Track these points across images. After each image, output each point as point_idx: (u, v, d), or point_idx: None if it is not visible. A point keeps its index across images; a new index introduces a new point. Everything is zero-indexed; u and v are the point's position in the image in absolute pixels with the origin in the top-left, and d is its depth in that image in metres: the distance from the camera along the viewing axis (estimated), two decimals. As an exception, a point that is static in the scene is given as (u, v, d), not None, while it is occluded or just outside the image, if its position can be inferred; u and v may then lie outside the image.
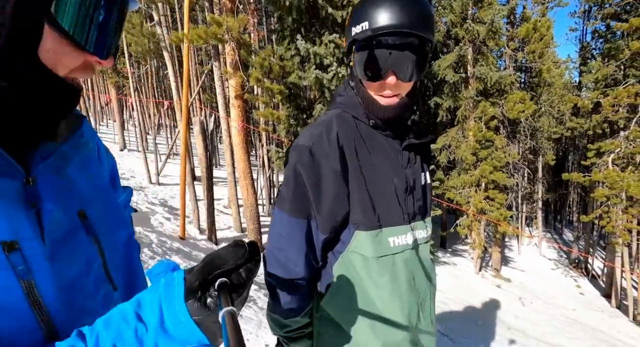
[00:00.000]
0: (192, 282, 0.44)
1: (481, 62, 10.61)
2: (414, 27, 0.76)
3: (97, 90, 15.14)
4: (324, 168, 0.83)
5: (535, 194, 15.63)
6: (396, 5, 0.76)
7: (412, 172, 0.94)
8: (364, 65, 0.82)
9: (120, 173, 3.88)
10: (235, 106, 6.54)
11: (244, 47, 5.73)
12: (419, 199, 0.95)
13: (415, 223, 0.94)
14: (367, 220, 0.86)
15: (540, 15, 13.51)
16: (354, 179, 0.85)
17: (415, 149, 0.95)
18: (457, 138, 10.65)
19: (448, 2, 11.00)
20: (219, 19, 5.16)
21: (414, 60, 0.80)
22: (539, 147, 13.96)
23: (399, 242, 0.89)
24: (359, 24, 0.79)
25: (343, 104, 0.93)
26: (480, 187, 10.28)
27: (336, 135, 0.85)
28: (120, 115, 12.11)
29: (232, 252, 0.46)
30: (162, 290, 0.45)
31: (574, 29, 18.75)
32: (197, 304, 0.44)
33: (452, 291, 8.21)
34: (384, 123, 0.90)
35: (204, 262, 0.46)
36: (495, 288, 9.99)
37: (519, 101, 10.76)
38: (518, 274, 12.61)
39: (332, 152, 0.84)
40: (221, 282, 0.45)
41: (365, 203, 0.86)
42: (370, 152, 0.89)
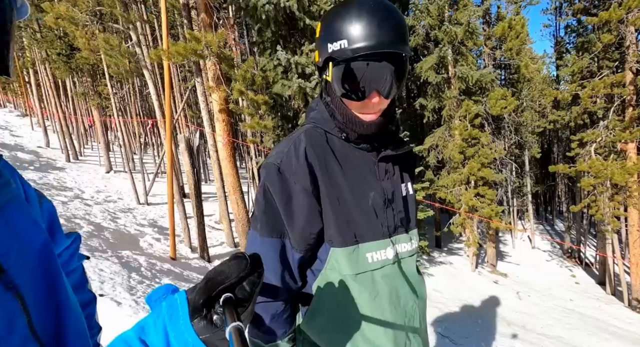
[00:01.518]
0: (196, 301, 0.44)
1: (461, 62, 10.83)
2: (394, 45, 0.75)
3: (80, 113, 14.91)
4: (294, 186, 0.82)
5: (525, 188, 15.87)
6: (374, 21, 0.73)
7: (390, 184, 0.92)
8: (345, 84, 0.79)
9: (106, 196, 3.82)
10: (220, 120, 6.50)
11: (224, 61, 5.72)
12: (400, 211, 0.93)
13: (397, 236, 0.91)
14: (341, 236, 0.84)
15: (515, 14, 13.88)
16: (325, 195, 0.83)
17: (394, 160, 0.94)
18: (444, 138, 10.78)
19: (425, 6, 11.24)
20: (198, 34, 5.15)
21: (395, 76, 0.78)
22: (524, 141, 14.22)
23: (377, 257, 0.86)
24: (336, 41, 0.76)
25: (314, 118, 0.92)
26: (470, 185, 10.39)
27: (304, 151, 0.83)
28: (105, 137, 11.93)
29: (234, 266, 0.45)
30: (166, 312, 0.43)
31: (548, 26, 19.32)
32: (204, 323, 0.43)
33: (450, 291, 8.21)
34: (357, 137, 0.88)
35: (205, 280, 0.45)
36: (492, 284, 10.03)
37: (500, 98, 10.98)
38: (514, 268, 12.71)
39: (301, 169, 0.82)
40: (226, 298, 0.44)
41: (339, 219, 0.84)
42: (342, 166, 0.86)
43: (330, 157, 0.86)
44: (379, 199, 0.88)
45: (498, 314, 7.00)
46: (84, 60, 10.08)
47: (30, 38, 11.90)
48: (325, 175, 0.84)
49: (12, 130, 14.65)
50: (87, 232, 5.60)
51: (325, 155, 0.85)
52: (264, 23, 5.56)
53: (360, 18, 0.74)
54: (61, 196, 7.53)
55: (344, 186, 0.85)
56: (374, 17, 0.73)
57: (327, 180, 0.83)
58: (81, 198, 8.01)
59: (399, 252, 0.91)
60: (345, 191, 0.85)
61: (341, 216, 0.84)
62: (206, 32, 5.53)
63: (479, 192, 10.15)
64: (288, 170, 0.82)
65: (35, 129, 15.78)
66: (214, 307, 0.45)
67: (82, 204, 7.46)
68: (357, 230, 0.85)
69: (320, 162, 0.84)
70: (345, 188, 0.85)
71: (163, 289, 0.50)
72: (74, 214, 6.38)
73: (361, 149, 0.90)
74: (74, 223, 5.83)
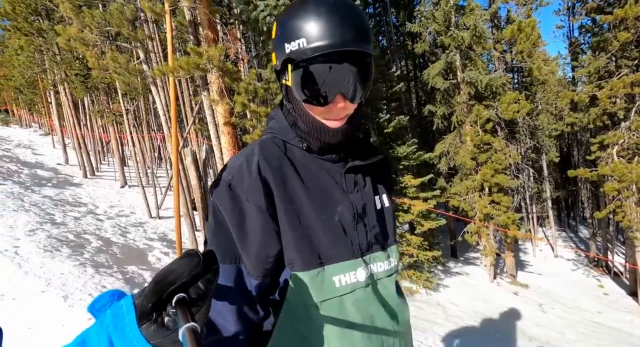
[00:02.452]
0: (144, 305, 0.40)
1: (470, 66, 10.64)
2: (357, 44, 0.68)
3: (97, 130, 15.44)
4: (246, 204, 0.72)
5: (544, 193, 15.25)
6: (334, 18, 0.67)
7: (360, 197, 0.81)
8: (305, 88, 0.71)
9: (119, 210, 3.81)
10: (225, 133, 6.54)
11: (227, 75, 5.78)
12: (373, 226, 0.82)
13: (370, 255, 0.80)
14: (303, 258, 0.73)
15: (526, 17, 13.63)
16: (283, 212, 0.73)
17: (364, 171, 0.84)
18: (455, 144, 10.53)
19: (430, 13, 11.17)
20: (199, 49, 5.24)
21: (359, 78, 0.71)
22: (540, 145, 13.74)
23: (346, 280, 0.75)
24: (294, 41, 0.69)
25: (272, 128, 0.84)
26: (484, 192, 10.04)
27: (257, 165, 0.74)
28: (119, 152, 12.26)
29: (185, 264, 0.42)
30: (110, 321, 0.40)
31: (561, 27, 18.89)
32: (154, 327, 0.40)
33: (467, 303, 7.85)
34: (321, 147, 0.80)
35: (154, 281, 0.41)
36: (512, 296, 9.54)
37: (513, 101, 10.68)
38: (535, 278, 12.10)
39: (254, 185, 0.72)
40: (179, 298, 0.41)
41: (299, 239, 0.73)
42: (304, 179, 0.77)
43: (288, 169, 0.77)
44: (347, 214, 0.78)
45: (518, 328, 6.61)
46: (99, 79, 10.47)
47: (50, 60, 12.48)
48: (282, 190, 0.74)
49: (34, 149, 15.28)
50: (96, 247, 5.67)
51: (282, 168, 0.76)
52: (265, 35, 5.61)
53: (320, 15, 0.67)
54: (74, 212, 7.70)
55: (304, 201, 0.75)
56: (334, 14, 0.67)
57: (285, 195, 0.74)
58: (94, 213, 8.17)
59: (374, 273, 0.80)
60: (307, 206, 0.75)
61: (302, 235, 0.74)
62: (209, 47, 5.63)
63: (494, 199, 9.79)
64: (240, 186, 0.73)
65: (56, 147, 16.41)
66: (165, 309, 0.41)
67: (94, 219, 7.60)
68: (322, 250, 0.74)
69: (276, 175, 0.75)
70: (307, 203, 0.75)
71: (107, 296, 0.46)
72: (84, 230, 6.49)
73: (325, 160, 0.81)
74: (83, 239, 5.91)
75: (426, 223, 8.25)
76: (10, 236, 5.14)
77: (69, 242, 5.46)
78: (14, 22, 12.00)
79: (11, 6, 11.49)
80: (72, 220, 6.93)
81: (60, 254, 4.87)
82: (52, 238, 5.38)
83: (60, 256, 4.78)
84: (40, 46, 12.17)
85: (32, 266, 4.31)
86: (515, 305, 8.37)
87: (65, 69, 12.03)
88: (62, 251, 5.01)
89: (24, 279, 3.99)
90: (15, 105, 26.19)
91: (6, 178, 8.73)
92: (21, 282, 3.92)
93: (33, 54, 13.05)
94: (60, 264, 4.52)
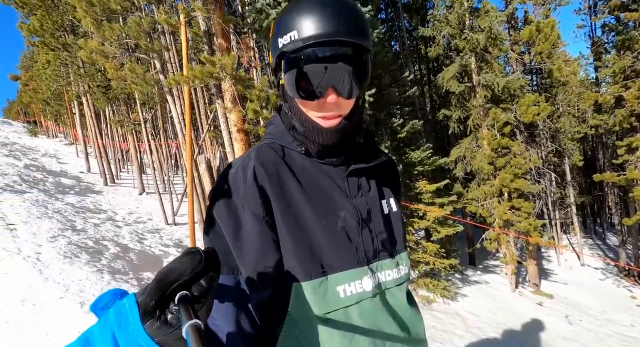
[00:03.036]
0: (148, 303, 0.41)
1: (486, 69, 10.41)
2: (351, 36, 0.65)
3: (117, 139, 15.97)
4: (242, 212, 0.69)
5: (568, 199, 14.63)
6: (327, 11, 0.65)
7: (365, 202, 0.77)
8: (297, 82, 0.68)
9: (137, 217, 3.88)
10: (239, 140, 6.61)
11: (240, 83, 5.86)
12: (380, 232, 0.78)
13: (378, 263, 0.75)
14: (304, 268, 0.68)
15: (544, 17, 13.29)
16: (282, 220, 0.70)
17: (368, 174, 0.80)
18: (472, 149, 10.27)
19: (444, 16, 11.04)
20: (213, 58, 5.34)
21: (353, 73, 0.67)
22: (563, 149, 13.23)
23: (352, 290, 0.70)
24: (287, 34, 0.67)
25: (271, 134, 0.82)
26: (504, 198, 9.71)
27: (253, 172, 0.71)
28: (138, 160, 12.61)
29: (188, 262, 0.42)
30: (114, 319, 0.40)
31: (582, 26, 18.31)
32: (157, 324, 0.41)
33: (487, 314, 7.54)
34: (320, 151, 0.76)
35: (157, 280, 0.42)
36: (536, 306, 9.12)
37: (532, 104, 10.36)
38: (561, 288, 11.54)
39: (250, 192, 0.70)
40: (182, 296, 0.42)
41: (300, 247, 0.69)
42: (303, 185, 0.74)
43: (286, 175, 0.74)
44: (351, 219, 0.74)
45: (543, 341, 6.29)
46: (119, 90, 10.85)
47: (75, 74, 13.05)
48: (281, 197, 0.71)
49: (59, 158, 15.93)
50: (113, 254, 5.79)
51: (279, 174, 0.73)
52: (277, 44, 5.67)
53: (313, 8, 0.66)
54: (95, 219, 7.92)
55: (304, 207, 0.71)
56: (327, 7, 0.65)
57: (283, 202, 0.70)
58: (113, 220, 8.38)
59: (382, 282, 0.75)
60: (307, 212, 0.71)
61: (303, 243, 0.69)
62: (222, 56, 5.73)
63: (514, 205, 9.45)
64: (236, 194, 0.70)
65: (79, 156, 17.07)
66: (168, 307, 0.42)
67: (113, 226, 7.79)
68: (325, 259, 0.70)
69: (273, 182, 0.72)
70: (307, 209, 0.71)
71: (110, 295, 0.46)
72: (103, 236, 6.65)
73: (326, 164, 0.78)
74: (101, 245, 6.05)
75: (443, 230, 8.03)
76: (33, 243, 5.32)
77: (88, 249, 5.60)
78: (42, 38, 12.65)
79: (40, 23, 12.12)
80: (92, 227, 7.13)
81: (79, 260, 4.99)
82: (72, 245, 5.53)
83: (79, 263, 4.90)
84: (66, 60, 12.76)
85: (52, 272, 4.43)
86: (539, 316, 7.99)
87: (89, 81, 12.54)
88: (81, 257, 5.13)
89: (44, 285, 4.10)
90: (43, 116, 27.51)
91: (32, 187, 9.09)
92: (41, 288, 4.03)
93: (59, 68, 13.69)
94: (79, 270, 4.63)
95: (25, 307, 3.67)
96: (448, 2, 10.92)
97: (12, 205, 6.97)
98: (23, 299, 3.79)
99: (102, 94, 12.40)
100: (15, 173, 9.63)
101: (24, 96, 28.35)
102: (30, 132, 24.04)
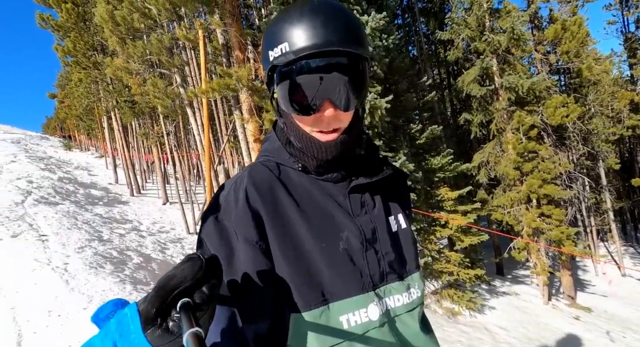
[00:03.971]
0: (149, 311, 0.41)
1: (509, 71, 10.06)
2: (345, 44, 0.61)
3: (142, 151, 16.63)
4: (234, 238, 0.65)
5: (604, 204, 13.75)
6: (318, 19, 0.61)
7: (369, 220, 0.72)
8: (291, 96, 0.64)
9: (161, 226, 3.95)
10: (256, 150, 6.69)
11: (256, 93, 5.94)
12: (387, 252, 0.71)
13: (385, 287, 0.69)
14: (302, 296, 0.63)
15: (570, 15, 12.75)
16: (276, 244, 0.65)
17: (372, 189, 0.74)
18: (495, 153, 9.88)
19: (462, 19, 10.81)
20: (229, 70, 5.45)
21: (349, 82, 0.63)
22: (596, 151, 12.49)
23: (356, 320, 0.64)
24: (277, 46, 0.63)
25: (266, 151, 0.77)
26: (532, 204, 9.23)
27: (245, 193, 0.67)
28: (162, 171, 13.02)
29: (188, 269, 0.42)
30: (115, 329, 0.40)
31: (613, 22, 17.47)
32: (159, 332, 0.41)
33: (518, 328, 7.12)
34: (318, 166, 0.71)
35: (157, 287, 0.42)
36: (572, 321, 8.53)
37: (560, 105, 9.88)
38: (599, 300, 10.76)
39: (241, 215, 0.65)
40: (183, 303, 0.41)
41: (297, 273, 0.64)
42: (300, 204, 0.69)
43: (282, 195, 0.69)
44: (354, 240, 0.68)
45: (581, 359, 5.85)
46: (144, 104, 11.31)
47: (104, 90, 13.77)
48: (275, 220, 0.66)
49: (90, 170, 16.74)
50: (136, 264, 5.94)
51: (273, 194, 0.68)
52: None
53: (302, 17, 0.61)
54: (120, 229, 8.20)
55: (302, 229, 0.66)
56: (317, 16, 0.61)
57: (278, 225, 0.66)
58: (138, 230, 8.65)
59: (390, 309, 0.68)
60: (305, 235, 0.66)
61: (300, 268, 0.64)
62: (239, 68, 5.85)
63: (544, 211, 8.95)
64: (227, 218, 0.66)
65: (108, 167, 17.87)
66: (169, 314, 0.42)
67: (137, 235, 8.03)
68: (325, 285, 0.64)
69: (267, 203, 0.67)
70: (305, 232, 0.66)
71: (111, 305, 0.46)
72: (127, 246, 6.85)
73: (325, 181, 0.72)
74: (125, 255, 6.23)
75: (466, 238, 7.71)
76: (62, 253, 5.55)
77: (112, 259, 5.78)
78: (75, 58, 13.47)
79: (73, 44, 12.93)
80: (117, 237, 7.37)
81: (103, 270, 5.15)
82: (97, 255, 5.72)
83: (104, 273, 5.05)
84: (96, 78, 13.51)
85: (78, 282, 4.58)
86: (576, 331, 7.46)
87: (116, 96, 13.18)
88: (106, 267, 5.29)
89: (69, 295, 4.24)
90: (77, 131, 29.16)
91: (65, 198, 9.56)
92: (67, 299, 4.17)
93: (90, 85, 14.50)
94: (103, 280, 4.76)
95: (51, 317, 3.80)
96: (466, 4, 10.70)
97: (45, 216, 7.33)
98: (49, 309, 3.93)
99: (128, 109, 12.98)
100: (50, 185, 10.17)
101: (59, 112, 30.26)
102: (65, 146, 25.49)
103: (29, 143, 21.04)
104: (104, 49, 13.18)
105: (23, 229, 6.31)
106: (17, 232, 6.09)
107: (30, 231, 6.29)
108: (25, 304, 4.01)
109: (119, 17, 6.49)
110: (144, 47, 7.04)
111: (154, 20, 6.98)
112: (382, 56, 6.63)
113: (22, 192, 8.78)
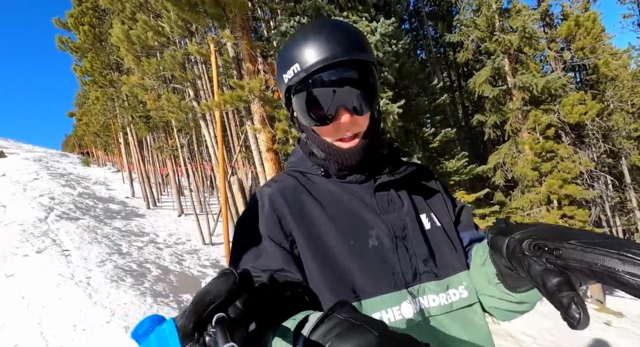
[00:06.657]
0: (186, 326, 0.42)
1: (521, 70, 9.89)
2: (349, 53, 0.66)
3: (157, 164, 16.97)
4: (263, 240, 0.70)
5: (629, 203, 13.23)
6: (321, 36, 0.67)
7: (398, 217, 0.73)
8: (308, 109, 0.70)
9: (177, 238, 4.01)
10: (268, 160, 6.72)
11: (268, 103, 6.00)
12: (420, 250, 0.71)
13: (419, 286, 0.68)
14: (334, 294, 0.63)
15: (583, 10, 12.52)
16: (304, 245, 0.67)
17: (398, 187, 0.76)
18: (511, 154, 9.67)
19: (471, 20, 10.74)
20: (241, 82, 5.53)
21: (360, 89, 0.69)
22: (617, 149, 12.08)
23: (389, 317, 0.63)
24: (289, 68, 0.70)
25: (292, 163, 0.83)
26: (553, 205, 8.95)
27: (269, 199, 0.73)
28: (176, 183, 13.23)
29: (222, 283, 0.43)
30: (155, 344, 0.42)
31: (629, 16, 17.05)
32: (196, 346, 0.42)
33: (545, 335, 6.84)
34: (340, 169, 0.75)
35: (194, 302, 0.43)
36: (603, 326, 8.14)
37: (577, 103, 9.63)
38: (632, 304, 10.26)
39: (266, 219, 0.71)
40: (218, 318, 0.42)
41: (327, 272, 0.65)
42: (324, 205, 0.72)
43: (306, 197, 0.73)
44: (384, 238, 0.69)
45: (616, 367, 5.55)
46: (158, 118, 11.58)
47: (120, 106, 14.18)
48: (301, 222, 0.70)
49: (107, 185, 17.16)
50: (155, 276, 6.00)
51: (298, 197, 0.73)
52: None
53: (307, 39, 0.68)
54: (138, 242, 8.33)
55: (328, 229, 0.69)
56: (320, 34, 0.68)
57: (304, 228, 0.69)
58: (155, 242, 8.77)
59: (424, 308, 0.66)
60: (332, 234, 0.69)
61: (330, 267, 0.66)
62: (250, 79, 5.93)
63: (566, 212, 8.66)
64: (258, 225, 0.70)
65: (125, 182, 18.28)
66: (206, 329, 0.43)
67: (154, 248, 8.14)
68: (357, 283, 0.65)
69: (291, 206, 0.71)
70: (331, 231, 0.69)
71: (148, 322, 0.47)
72: (146, 259, 6.94)
73: (348, 183, 0.76)
74: (144, 267, 6.31)
75: (487, 243, 7.50)
76: (84, 267, 5.66)
77: (132, 272, 5.85)
78: (92, 77, 13.96)
79: (90, 64, 13.43)
80: (136, 250, 7.48)
81: (124, 283, 5.22)
82: (118, 268, 5.81)
83: (124, 286, 5.11)
84: (112, 95, 13.94)
85: (100, 296, 4.65)
86: (608, 338, 7.11)
87: (132, 112, 13.55)
88: (126, 280, 5.36)
89: (93, 309, 4.31)
90: (94, 147, 30.04)
91: (84, 213, 9.80)
92: (91, 312, 4.23)
93: (106, 103, 14.96)
94: (124, 294, 4.82)
95: (76, 331, 3.86)
96: (474, 5, 10.63)
97: (67, 231, 7.52)
98: (74, 323, 4.00)
99: (143, 123, 13.31)
100: (71, 201, 10.46)
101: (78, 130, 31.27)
102: (83, 162, 26.26)
103: (49, 160, 21.77)
104: (119, 67, 13.63)
105: (47, 244, 6.48)
106: (42, 248, 6.26)
107: (54, 246, 6.45)
108: (51, 318, 4.09)
109: (134, 36, 6.71)
110: (158, 64, 7.23)
111: (167, 37, 7.18)
112: (392, 61, 6.61)
113: (45, 208, 9.05)
